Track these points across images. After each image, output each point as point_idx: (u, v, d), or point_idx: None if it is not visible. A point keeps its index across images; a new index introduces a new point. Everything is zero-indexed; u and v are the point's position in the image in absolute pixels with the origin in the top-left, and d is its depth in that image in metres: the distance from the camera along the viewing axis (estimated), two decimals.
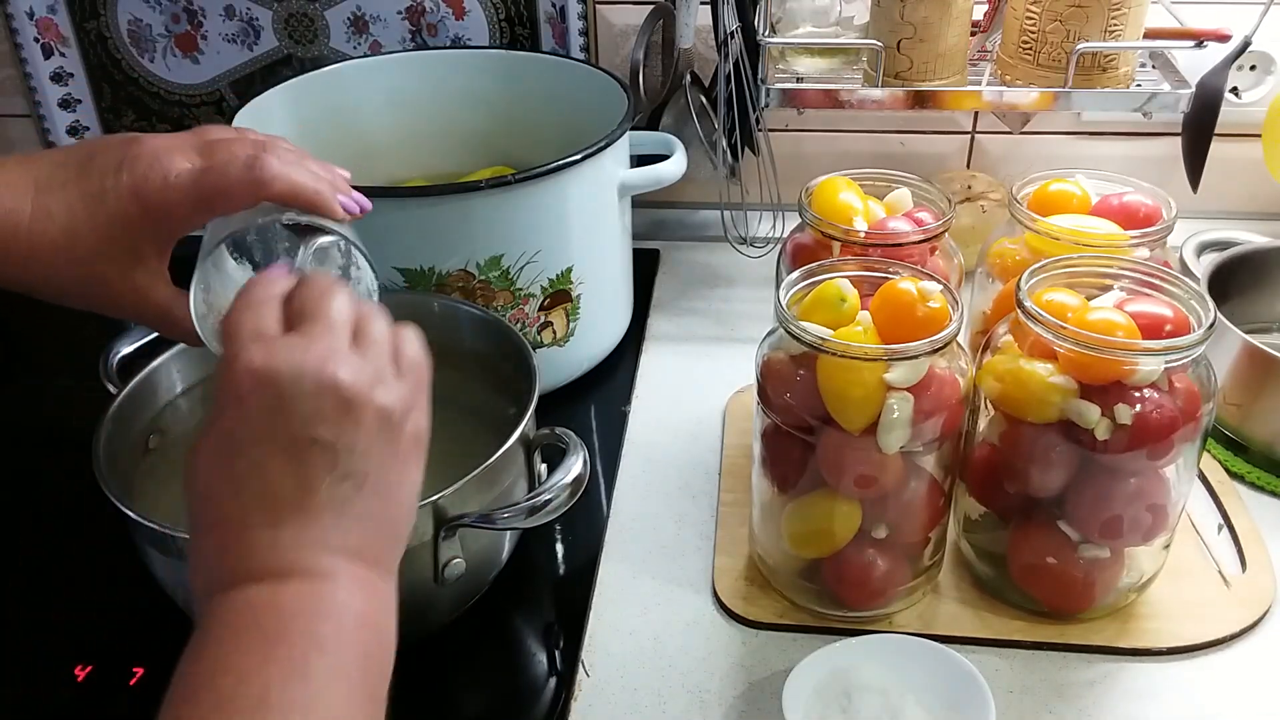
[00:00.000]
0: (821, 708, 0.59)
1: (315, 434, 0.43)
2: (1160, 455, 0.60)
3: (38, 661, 0.68)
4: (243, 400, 0.43)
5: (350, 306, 0.47)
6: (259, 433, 0.43)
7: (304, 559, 0.42)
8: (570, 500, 0.60)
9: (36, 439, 0.89)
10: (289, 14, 1.07)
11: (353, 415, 0.44)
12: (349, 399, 0.44)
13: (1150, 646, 0.65)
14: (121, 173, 0.53)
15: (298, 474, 0.43)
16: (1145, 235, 0.68)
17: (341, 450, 0.43)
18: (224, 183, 0.53)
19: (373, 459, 0.44)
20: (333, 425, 0.43)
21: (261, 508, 0.43)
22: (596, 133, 0.81)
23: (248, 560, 0.42)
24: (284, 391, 0.43)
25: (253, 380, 0.43)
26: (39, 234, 0.54)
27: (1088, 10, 0.80)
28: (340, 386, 0.44)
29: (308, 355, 0.44)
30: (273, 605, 0.41)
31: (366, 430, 0.44)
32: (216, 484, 0.43)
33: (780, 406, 0.63)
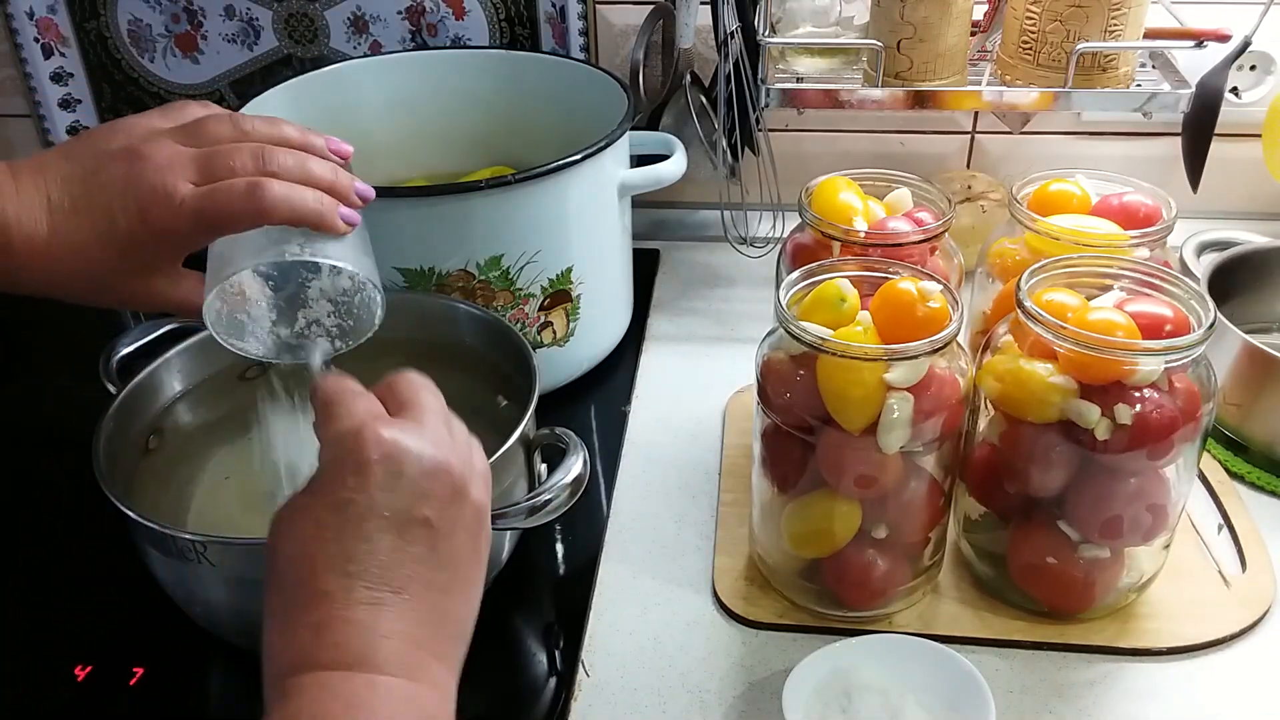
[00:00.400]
0: (821, 708, 0.59)
1: (426, 513, 0.44)
2: (1160, 455, 0.60)
3: (38, 661, 0.68)
4: (367, 468, 0.43)
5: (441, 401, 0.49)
6: (374, 506, 0.43)
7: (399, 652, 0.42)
8: (570, 500, 0.60)
9: (36, 439, 0.89)
10: (289, 14, 1.07)
11: (458, 502, 0.45)
12: (458, 486, 0.45)
13: (1150, 646, 0.65)
14: (128, 197, 0.53)
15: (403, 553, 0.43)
16: (1145, 235, 0.68)
17: (443, 533, 0.44)
18: (228, 211, 0.53)
19: (464, 548, 0.45)
20: (440, 508, 0.44)
21: (367, 584, 0.42)
22: (596, 133, 0.81)
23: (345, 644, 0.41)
24: (406, 467, 0.44)
25: (381, 451, 0.44)
26: (56, 255, 0.54)
27: (1088, 10, 0.80)
28: (454, 472, 0.45)
29: (425, 437, 0.45)
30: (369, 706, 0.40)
31: (464, 521, 0.45)
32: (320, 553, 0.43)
33: (780, 406, 0.63)
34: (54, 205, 0.54)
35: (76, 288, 0.56)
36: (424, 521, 0.44)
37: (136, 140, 0.55)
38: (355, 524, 0.43)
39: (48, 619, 0.71)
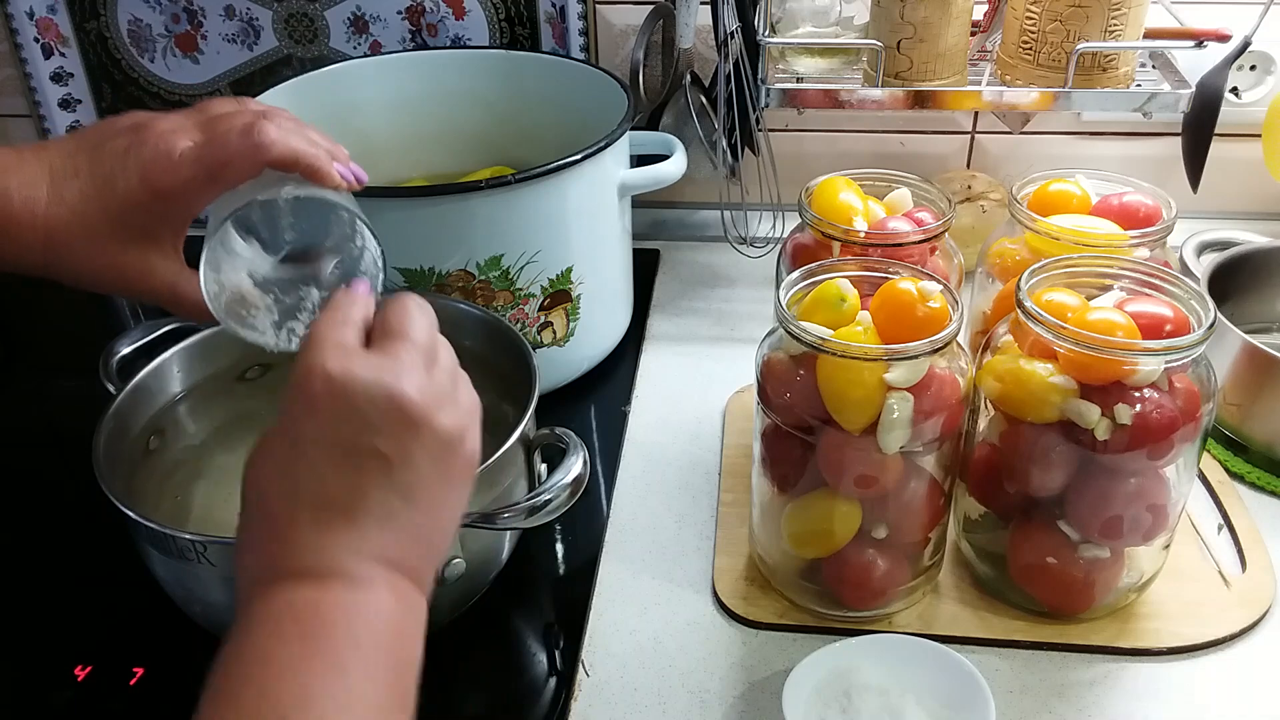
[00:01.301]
0: (821, 708, 0.59)
1: (375, 444, 0.45)
2: (1160, 455, 0.60)
3: (38, 661, 0.68)
4: (313, 402, 0.45)
5: (429, 332, 0.49)
6: (323, 436, 0.44)
7: (346, 564, 0.43)
8: (570, 500, 0.60)
9: (36, 439, 0.89)
10: (289, 14, 1.07)
11: (413, 431, 0.45)
12: (413, 416, 0.45)
13: (1150, 646, 0.65)
14: (129, 157, 0.54)
15: (351, 481, 0.44)
16: (1145, 235, 0.68)
17: (396, 463, 0.45)
18: (224, 154, 0.54)
19: (424, 476, 0.46)
20: (393, 438, 0.45)
21: (312, 509, 0.44)
22: (596, 133, 0.81)
23: (292, 558, 0.43)
24: (355, 400, 0.44)
25: (327, 385, 0.45)
26: (54, 220, 0.55)
27: (1088, 10, 0.80)
28: (407, 402, 0.45)
29: (383, 370, 0.45)
30: (314, 605, 0.42)
31: (423, 447, 0.46)
32: (272, 481, 0.45)
33: (780, 406, 0.63)
34: (55, 172, 0.55)
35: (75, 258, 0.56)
36: (374, 453, 0.44)
37: (144, 118, 0.56)
38: (303, 455, 0.44)
39: (48, 619, 0.71)
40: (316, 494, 0.44)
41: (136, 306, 1.02)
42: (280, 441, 0.45)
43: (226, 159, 0.54)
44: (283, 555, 0.44)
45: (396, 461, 0.45)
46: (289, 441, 0.45)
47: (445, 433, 0.47)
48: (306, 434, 0.45)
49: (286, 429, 0.45)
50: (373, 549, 0.44)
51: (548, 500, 0.60)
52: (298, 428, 0.45)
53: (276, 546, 0.44)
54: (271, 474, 0.45)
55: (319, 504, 0.44)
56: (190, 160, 0.54)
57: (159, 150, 0.54)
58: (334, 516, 0.44)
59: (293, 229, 0.54)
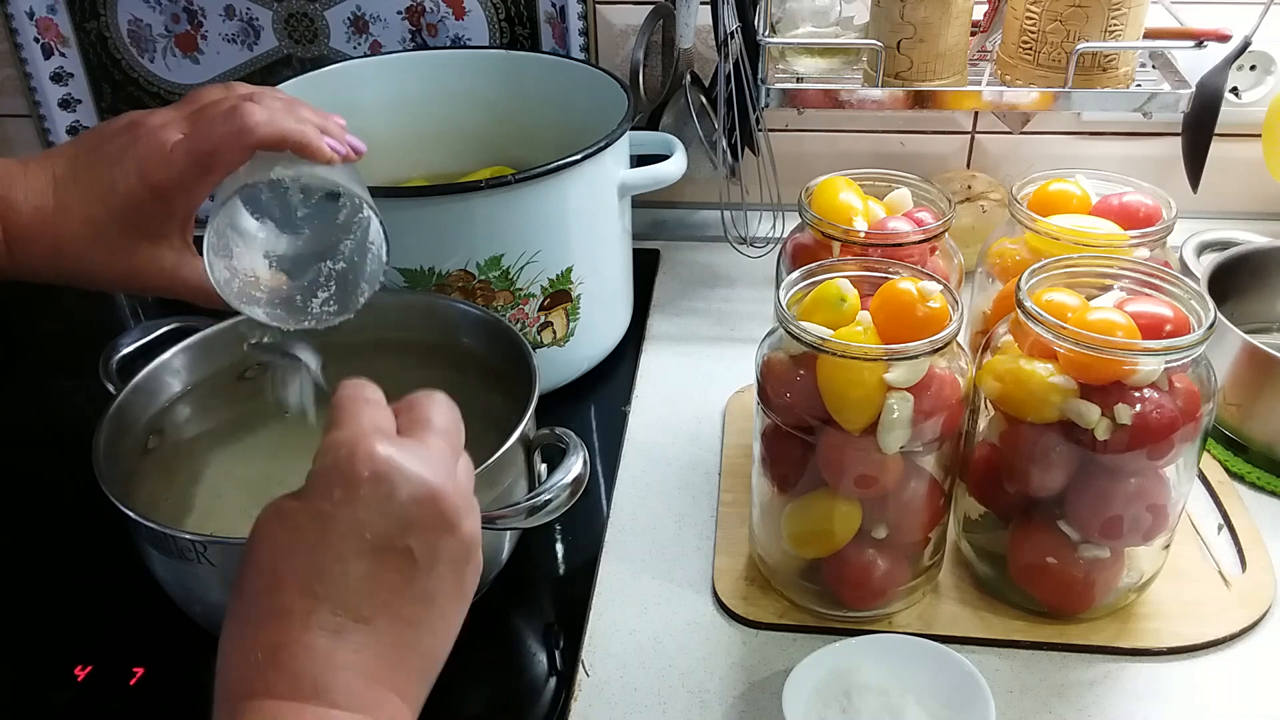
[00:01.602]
0: (821, 708, 0.59)
1: (409, 542, 0.41)
2: (1160, 455, 0.59)
3: (38, 661, 0.68)
4: (356, 484, 0.41)
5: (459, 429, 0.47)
6: (359, 527, 0.41)
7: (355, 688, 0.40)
8: (570, 500, 0.60)
9: (36, 439, 0.89)
10: (289, 14, 1.07)
11: (445, 534, 0.43)
12: (449, 518, 0.43)
13: (1150, 646, 0.65)
14: (126, 157, 0.55)
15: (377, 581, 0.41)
16: (1145, 235, 0.68)
17: (422, 568, 0.42)
18: (211, 142, 0.54)
19: (444, 585, 0.43)
20: (428, 540, 0.42)
21: (331, 609, 0.40)
22: (596, 133, 0.81)
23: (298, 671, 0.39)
24: (397, 490, 0.41)
25: (373, 469, 0.41)
26: (63, 227, 0.55)
27: (1088, 10, 0.80)
28: (447, 503, 0.43)
29: (424, 462, 0.43)
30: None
31: (449, 552, 0.43)
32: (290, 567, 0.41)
33: (780, 406, 0.63)
34: (59, 179, 0.56)
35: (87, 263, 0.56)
36: (405, 551, 0.41)
37: (137, 116, 0.57)
38: (332, 540, 0.41)
39: (48, 619, 0.71)
40: (339, 593, 0.40)
41: (136, 306, 1.02)
42: (307, 521, 0.41)
43: (214, 147, 0.54)
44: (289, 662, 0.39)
45: (424, 566, 0.42)
46: (318, 524, 0.41)
47: (469, 539, 0.44)
48: (341, 520, 0.41)
49: (317, 510, 0.41)
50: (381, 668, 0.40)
51: (548, 500, 0.60)
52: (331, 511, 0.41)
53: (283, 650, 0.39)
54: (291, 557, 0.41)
55: (340, 605, 0.40)
56: (181, 153, 0.54)
57: (152, 147, 0.55)
58: (352, 623, 0.40)
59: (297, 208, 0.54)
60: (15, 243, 0.56)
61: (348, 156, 0.56)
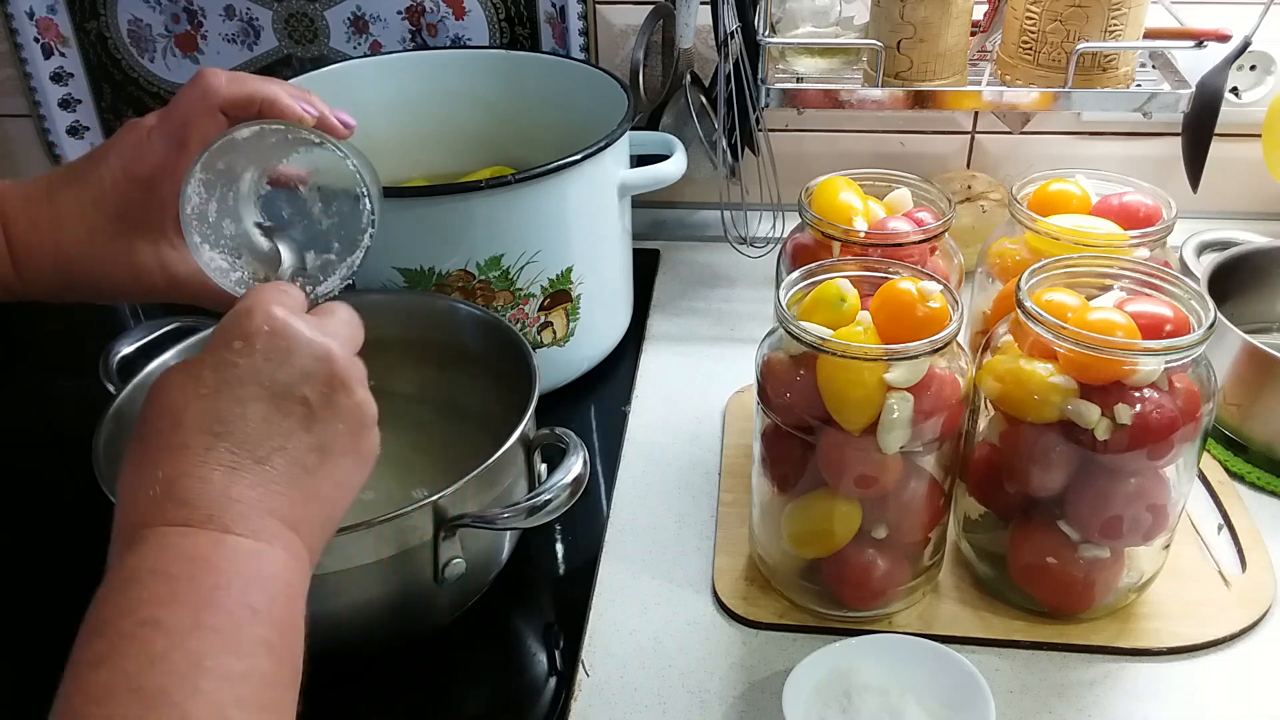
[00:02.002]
0: (821, 708, 0.59)
1: (305, 392, 0.45)
2: (1160, 455, 0.59)
3: (38, 661, 0.68)
4: (251, 338, 0.44)
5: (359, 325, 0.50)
6: (256, 374, 0.44)
7: (250, 516, 0.42)
8: (570, 500, 0.60)
9: (36, 439, 0.89)
10: (289, 14, 1.07)
11: (341, 392, 0.46)
12: (342, 376, 0.46)
13: (1150, 646, 0.65)
14: (110, 153, 0.56)
15: (273, 425, 0.44)
16: (1145, 235, 0.68)
17: (318, 417, 0.45)
18: (180, 114, 0.55)
19: (339, 439, 0.46)
20: (320, 392, 0.45)
21: (229, 446, 0.42)
22: (596, 133, 0.81)
23: (196, 500, 0.41)
24: (293, 346, 0.45)
25: (269, 326, 0.45)
26: (61, 234, 0.56)
27: (1088, 10, 0.80)
28: (339, 363, 0.46)
29: (322, 330, 0.46)
30: (210, 561, 0.40)
31: (344, 410, 0.46)
32: (190, 409, 0.43)
33: (780, 406, 0.63)
34: (54, 188, 0.57)
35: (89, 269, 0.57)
36: (301, 400, 0.44)
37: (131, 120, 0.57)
38: (231, 386, 0.43)
39: (48, 619, 0.71)
40: (237, 432, 0.43)
41: (136, 306, 1.01)
42: (207, 370, 0.44)
43: (183, 120, 0.55)
44: (185, 492, 0.41)
45: (319, 416, 0.45)
46: (217, 372, 0.44)
47: (364, 405, 0.47)
48: (240, 366, 0.44)
49: (217, 359, 0.44)
50: (277, 505, 0.43)
51: (548, 500, 0.60)
52: (230, 360, 0.44)
53: (179, 481, 0.42)
54: (191, 401, 0.43)
55: (236, 444, 0.43)
56: (157, 135, 0.55)
57: (131, 138, 0.56)
58: (248, 461, 0.43)
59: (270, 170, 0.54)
60: (19, 258, 0.57)
61: (323, 119, 0.56)
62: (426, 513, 0.58)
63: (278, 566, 0.42)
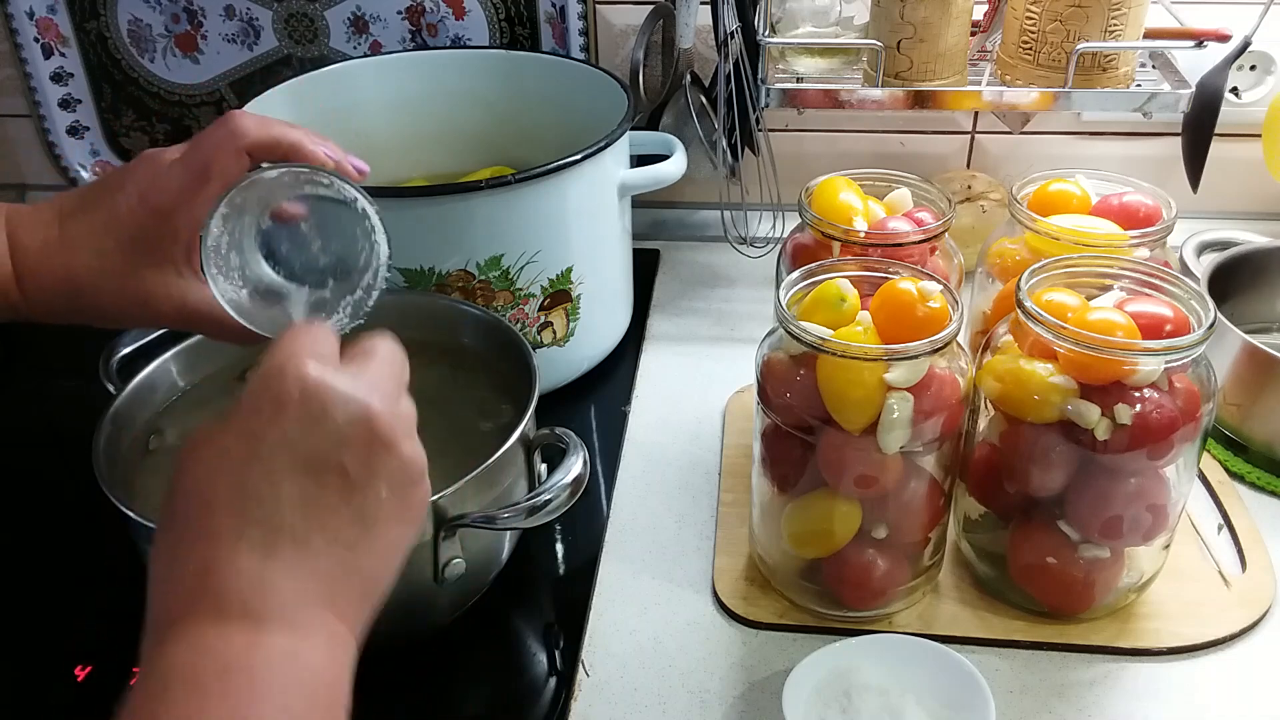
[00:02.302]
0: (821, 708, 0.59)
1: (343, 460, 0.41)
2: (1160, 455, 0.59)
3: (38, 661, 0.68)
4: (283, 405, 0.41)
5: (403, 363, 0.46)
6: (288, 444, 0.40)
7: (287, 607, 0.39)
8: (570, 500, 0.60)
9: (36, 439, 0.89)
10: (289, 14, 1.07)
11: (382, 453, 0.42)
12: (384, 436, 0.42)
13: (1150, 646, 0.65)
14: (127, 182, 0.56)
15: (311, 500, 0.40)
16: (1145, 235, 0.68)
17: (359, 486, 0.41)
18: (205, 152, 0.54)
19: (384, 506, 0.42)
20: (360, 457, 0.41)
21: (262, 530, 0.39)
22: (596, 133, 0.81)
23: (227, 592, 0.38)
24: (329, 409, 0.41)
25: (301, 388, 0.41)
26: (72, 259, 0.56)
27: (1088, 10, 0.80)
28: (381, 421, 0.42)
29: (360, 384, 0.43)
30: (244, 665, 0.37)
31: (388, 473, 0.43)
32: (219, 488, 0.40)
33: (780, 406, 0.63)
34: (65, 214, 0.57)
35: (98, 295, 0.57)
36: (339, 469, 0.41)
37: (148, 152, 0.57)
38: (262, 460, 0.40)
39: (48, 619, 0.71)
40: (272, 512, 0.39)
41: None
42: (235, 442, 0.41)
43: (208, 156, 0.54)
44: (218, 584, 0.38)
45: (360, 484, 0.41)
46: (247, 444, 0.40)
47: (411, 462, 0.43)
48: (270, 438, 0.40)
49: (245, 429, 0.41)
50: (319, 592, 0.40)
51: (548, 500, 0.60)
52: (260, 430, 0.40)
53: (212, 572, 0.39)
54: (219, 478, 0.40)
55: (271, 525, 0.39)
56: (179, 169, 0.55)
57: (150, 168, 0.56)
58: (284, 543, 0.39)
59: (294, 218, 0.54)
60: (26, 280, 0.57)
61: (341, 165, 0.56)
62: (426, 513, 0.58)
63: (319, 659, 0.39)
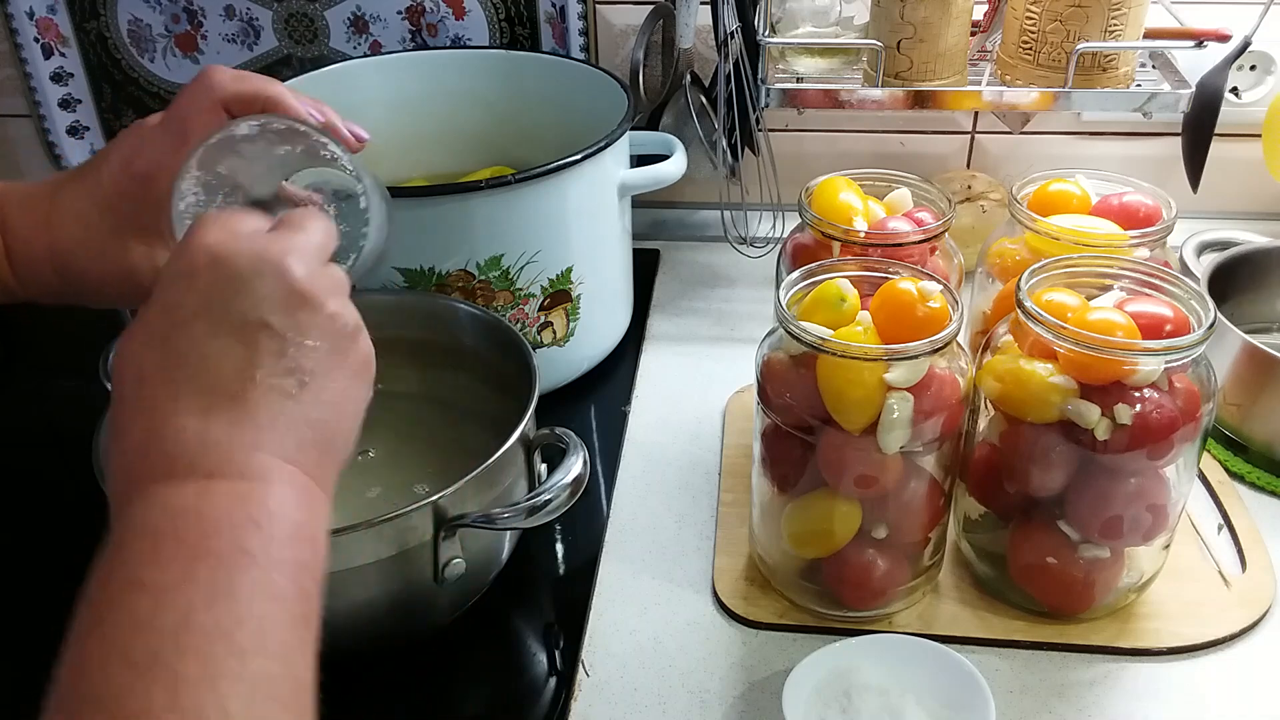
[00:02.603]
0: (821, 708, 0.59)
1: (265, 317, 0.41)
2: (1160, 455, 0.59)
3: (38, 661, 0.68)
4: (194, 275, 0.41)
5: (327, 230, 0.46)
6: (206, 308, 0.41)
7: (234, 456, 0.39)
8: (570, 500, 0.60)
9: (36, 439, 0.89)
10: (289, 14, 1.07)
11: (307, 309, 0.42)
12: (306, 293, 0.42)
13: (1150, 646, 0.65)
14: (110, 152, 0.56)
15: (240, 357, 0.41)
16: (1145, 235, 0.68)
17: (290, 341, 0.42)
18: (182, 109, 0.54)
19: (320, 361, 0.43)
20: (284, 313, 0.42)
21: (196, 391, 0.40)
22: (596, 133, 0.81)
23: (174, 452, 0.39)
24: (241, 272, 0.41)
25: (209, 256, 0.42)
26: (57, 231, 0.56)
27: (1088, 10, 0.80)
28: (294, 278, 0.42)
29: (271, 246, 0.43)
30: (196, 511, 0.38)
31: (318, 328, 0.43)
32: (149, 363, 0.41)
33: (780, 406, 0.63)
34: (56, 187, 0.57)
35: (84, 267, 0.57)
36: (261, 324, 0.41)
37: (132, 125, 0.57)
38: (182, 327, 0.41)
39: (48, 619, 0.71)
40: (201, 373, 0.40)
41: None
42: (157, 316, 0.41)
43: (185, 113, 0.54)
44: (161, 448, 0.39)
45: (290, 338, 0.41)
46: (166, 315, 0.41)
47: (338, 316, 0.43)
48: (187, 305, 0.41)
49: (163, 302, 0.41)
50: (264, 440, 0.40)
51: (548, 500, 0.60)
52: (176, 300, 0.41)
53: (154, 438, 0.39)
54: (147, 353, 0.41)
55: (204, 385, 0.40)
56: (158, 132, 0.55)
57: (134, 136, 0.56)
58: (221, 400, 0.40)
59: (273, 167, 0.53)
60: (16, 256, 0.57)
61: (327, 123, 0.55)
62: (426, 513, 0.58)
63: (275, 504, 0.39)
